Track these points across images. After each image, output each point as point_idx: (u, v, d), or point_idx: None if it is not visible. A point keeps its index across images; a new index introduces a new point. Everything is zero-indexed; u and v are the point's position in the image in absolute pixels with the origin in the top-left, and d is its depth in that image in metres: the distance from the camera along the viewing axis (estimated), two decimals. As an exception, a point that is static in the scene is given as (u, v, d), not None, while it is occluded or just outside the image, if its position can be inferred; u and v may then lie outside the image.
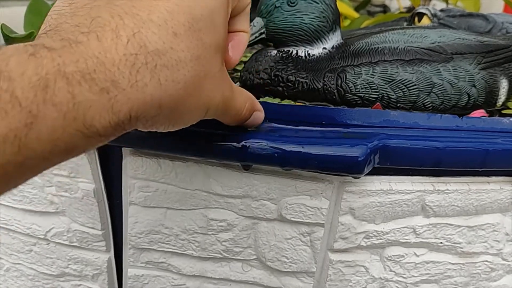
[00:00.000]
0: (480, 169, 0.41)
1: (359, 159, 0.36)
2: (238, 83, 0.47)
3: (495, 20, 0.54)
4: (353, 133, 0.39)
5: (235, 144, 0.36)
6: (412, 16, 0.59)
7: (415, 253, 0.44)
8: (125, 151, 0.41)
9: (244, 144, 0.36)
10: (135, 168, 0.41)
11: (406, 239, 0.43)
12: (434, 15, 0.57)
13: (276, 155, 0.36)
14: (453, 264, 0.44)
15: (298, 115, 0.39)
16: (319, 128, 0.39)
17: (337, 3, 0.88)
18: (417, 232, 0.42)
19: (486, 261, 0.45)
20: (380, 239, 0.42)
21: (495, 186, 0.42)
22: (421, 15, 0.58)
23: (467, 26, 0.55)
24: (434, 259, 0.44)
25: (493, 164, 0.40)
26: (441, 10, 0.59)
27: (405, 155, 0.38)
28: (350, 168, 0.37)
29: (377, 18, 0.78)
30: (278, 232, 0.42)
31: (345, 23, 0.89)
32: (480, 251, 0.44)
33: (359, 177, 0.39)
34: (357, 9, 1.09)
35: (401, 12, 0.99)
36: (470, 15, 0.56)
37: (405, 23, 0.61)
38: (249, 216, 0.42)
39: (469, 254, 0.44)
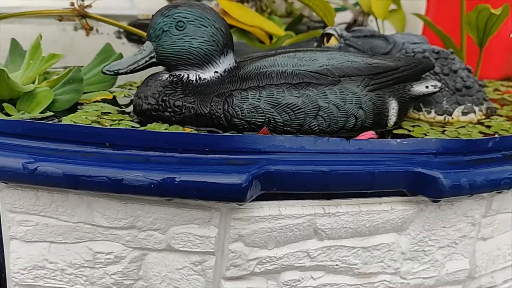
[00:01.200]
0: (369, 191, 0.41)
1: (241, 186, 0.36)
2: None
3: (395, 41, 0.56)
4: (236, 159, 0.38)
5: (109, 175, 0.35)
6: (321, 36, 0.60)
7: (312, 277, 0.43)
8: (1, 184, 0.39)
9: (118, 175, 0.34)
10: (12, 202, 0.39)
11: (301, 263, 0.42)
12: (341, 36, 0.58)
13: (152, 185, 0.35)
14: (351, 285, 0.44)
15: (180, 143, 0.38)
16: (202, 156, 0.38)
17: (264, 21, 0.89)
18: (312, 256, 0.42)
19: (385, 280, 0.45)
20: (274, 264, 0.42)
21: (386, 207, 0.43)
22: (329, 36, 0.59)
23: (370, 47, 0.56)
24: (331, 281, 0.44)
25: (381, 186, 0.41)
26: (351, 31, 0.61)
27: (290, 180, 0.38)
28: (232, 195, 0.36)
29: (299, 37, 0.79)
30: (168, 263, 0.41)
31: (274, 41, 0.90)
32: (377, 271, 0.45)
33: (243, 204, 0.38)
34: (291, 25, 1.10)
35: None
36: (373, 36, 0.58)
37: (315, 43, 0.62)
38: (137, 247, 0.40)
39: (366, 274, 0.45)
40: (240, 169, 0.36)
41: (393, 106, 0.45)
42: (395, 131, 0.47)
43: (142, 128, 0.40)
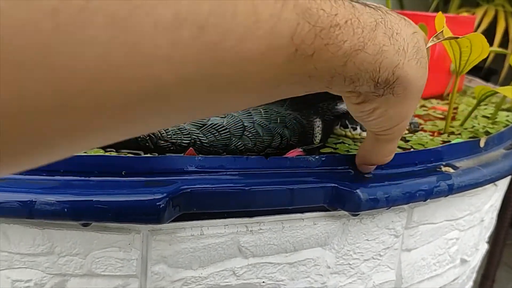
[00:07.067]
0: (290, 207, 0.42)
1: (158, 206, 0.36)
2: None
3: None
4: (154, 181, 0.38)
5: (20, 201, 0.34)
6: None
7: (239, 295, 0.44)
8: None
9: (29, 200, 0.34)
10: None
11: (227, 282, 0.43)
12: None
13: (66, 210, 0.35)
14: (279, 302, 0.45)
15: (96, 165, 0.38)
16: (119, 178, 0.38)
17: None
18: (237, 274, 0.43)
19: (313, 295, 0.46)
20: (200, 284, 0.42)
21: (309, 222, 0.44)
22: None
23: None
24: (259, 299, 0.44)
25: (301, 202, 0.42)
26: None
27: (209, 199, 0.39)
28: (149, 216, 0.36)
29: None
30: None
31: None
32: (305, 286, 0.45)
33: (162, 225, 0.38)
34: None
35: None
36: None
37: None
38: (58, 274, 0.39)
39: (294, 290, 0.45)
40: (157, 189, 0.37)
41: (317, 125, 0.47)
42: (322, 150, 0.48)
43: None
